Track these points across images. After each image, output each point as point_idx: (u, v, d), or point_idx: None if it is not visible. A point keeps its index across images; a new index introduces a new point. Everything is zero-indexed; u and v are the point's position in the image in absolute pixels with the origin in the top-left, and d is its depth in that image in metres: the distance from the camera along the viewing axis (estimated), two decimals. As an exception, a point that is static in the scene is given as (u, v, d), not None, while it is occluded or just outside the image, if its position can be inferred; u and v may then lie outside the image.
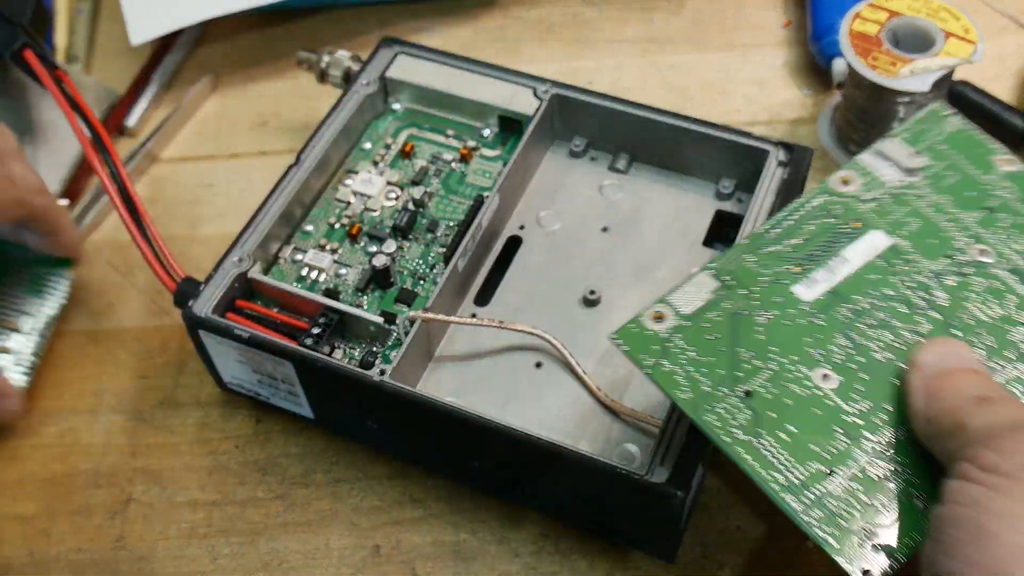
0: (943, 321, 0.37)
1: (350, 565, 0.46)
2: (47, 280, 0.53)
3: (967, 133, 0.41)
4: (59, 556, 0.47)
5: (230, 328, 0.44)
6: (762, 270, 0.38)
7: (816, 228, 0.39)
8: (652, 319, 0.38)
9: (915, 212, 0.40)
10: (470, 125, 0.54)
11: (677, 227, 0.51)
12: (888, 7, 0.55)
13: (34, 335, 0.51)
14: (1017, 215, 0.39)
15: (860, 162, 0.41)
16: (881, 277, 0.38)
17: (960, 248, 0.39)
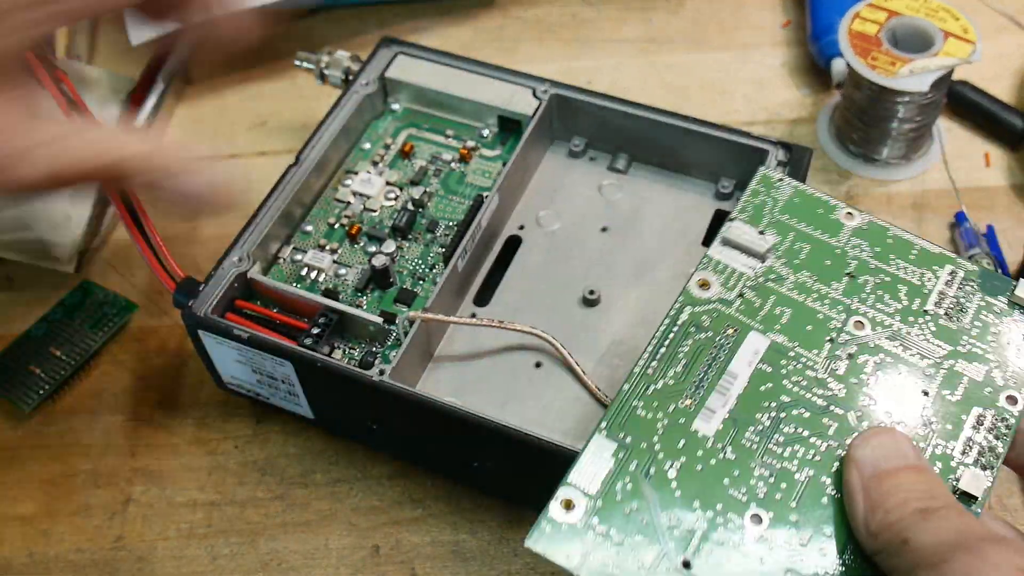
0: (846, 415, 0.35)
1: (349, 565, 0.46)
2: (111, 319, 0.54)
3: (804, 195, 0.40)
4: (59, 556, 0.47)
5: (229, 328, 0.44)
6: (654, 415, 0.35)
7: (692, 348, 0.37)
8: (562, 510, 0.33)
9: (781, 299, 0.38)
10: (469, 125, 0.54)
11: (676, 227, 0.51)
12: (887, 7, 0.55)
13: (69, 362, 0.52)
14: (876, 274, 0.38)
15: (712, 258, 0.39)
16: (773, 384, 0.36)
17: (836, 327, 0.37)
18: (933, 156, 0.58)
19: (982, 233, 0.54)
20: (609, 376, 0.45)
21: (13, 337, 0.53)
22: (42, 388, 0.51)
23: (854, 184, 0.57)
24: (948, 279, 0.38)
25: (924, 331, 0.37)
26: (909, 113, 0.55)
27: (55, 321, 0.53)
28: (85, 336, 0.53)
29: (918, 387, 0.36)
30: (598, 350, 0.46)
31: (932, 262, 0.39)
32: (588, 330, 0.47)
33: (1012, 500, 0.46)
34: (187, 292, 0.46)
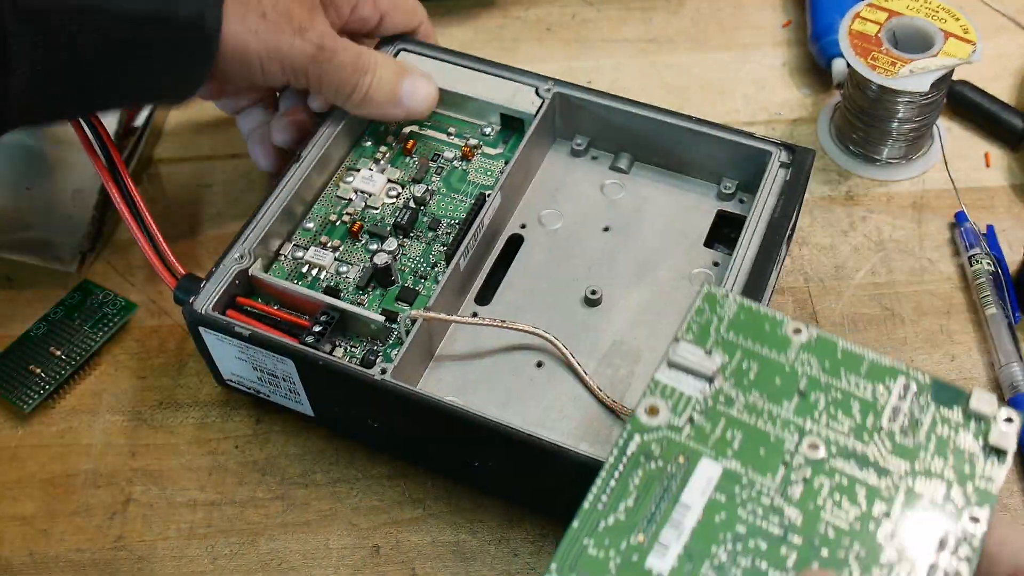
0: (806, 543, 0.34)
1: (350, 565, 0.46)
2: (111, 319, 0.53)
3: (748, 310, 0.39)
4: (59, 556, 0.47)
5: (231, 325, 0.44)
6: (606, 554, 0.34)
7: (643, 480, 0.35)
8: None
9: (732, 423, 0.36)
10: (472, 123, 0.54)
11: (678, 227, 0.51)
12: (887, 7, 0.55)
13: (70, 362, 0.52)
14: (827, 390, 0.37)
15: (660, 382, 0.37)
16: (728, 514, 0.34)
17: (790, 450, 0.36)
18: (933, 156, 0.58)
19: (982, 233, 0.54)
20: (611, 376, 0.45)
21: (13, 337, 0.53)
22: (42, 388, 0.51)
23: (854, 184, 0.57)
24: (901, 393, 0.37)
25: (880, 449, 0.36)
26: (909, 113, 0.55)
27: (55, 321, 0.53)
28: (85, 336, 0.53)
29: (878, 509, 0.34)
30: (600, 350, 0.46)
31: (884, 375, 0.37)
32: (590, 330, 0.47)
33: (1012, 500, 0.46)
34: (188, 289, 0.46)
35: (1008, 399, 0.48)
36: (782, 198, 0.47)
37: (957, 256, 0.54)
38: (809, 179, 0.49)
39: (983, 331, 0.51)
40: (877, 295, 0.53)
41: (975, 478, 0.35)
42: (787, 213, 0.47)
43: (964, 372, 0.50)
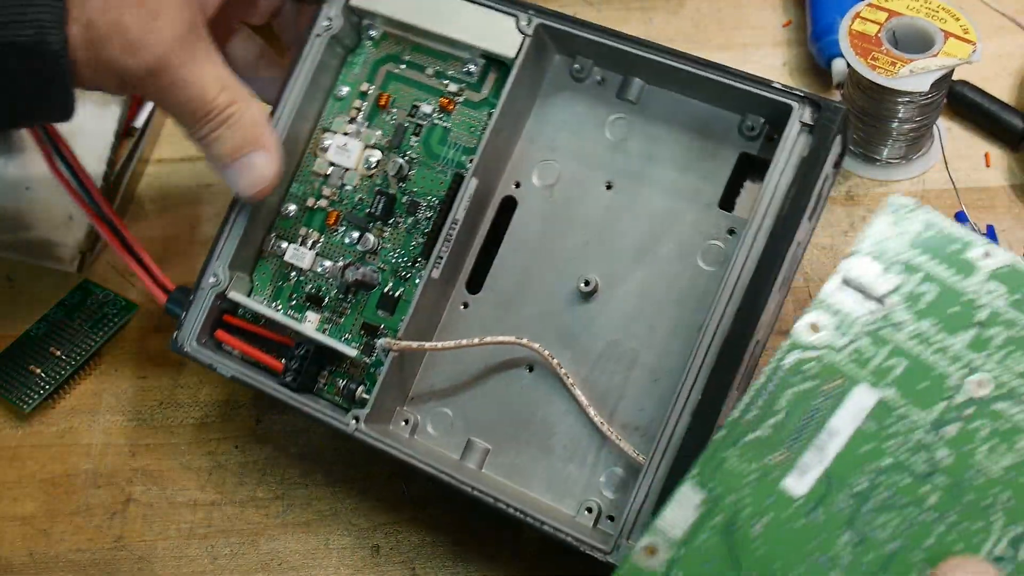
0: (951, 485, 0.32)
1: (350, 565, 0.46)
2: (111, 319, 0.54)
3: (937, 228, 0.36)
4: (59, 556, 0.47)
5: (212, 365, 0.45)
6: (746, 466, 0.34)
7: (794, 398, 0.34)
8: (645, 555, 0.33)
9: (897, 350, 0.34)
10: (453, 55, 0.47)
11: (691, 181, 0.45)
12: (888, 7, 0.55)
13: (70, 362, 0.52)
14: (1011, 326, 0.34)
15: (826, 299, 0.35)
16: (875, 446, 0.33)
17: (955, 385, 0.34)
18: (933, 156, 0.58)
19: (982, 233, 0.54)
20: (605, 385, 0.44)
21: (13, 337, 0.53)
22: (42, 388, 0.51)
23: (854, 184, 0.57)
24: None
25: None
26: (909, 113, 0.55)
27: (55, 321, 0.53)
28: (85, 336, 0.53)
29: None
30: (594, 351, 0.44)
31: None
32: (583, 327, 0.45)
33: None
34: (179, 302, 0.46)
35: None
36: (798, 179, 0.40)
37: (957, 256, 0.54)
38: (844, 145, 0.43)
39: (983, 331, 0.51)
40: (877, 295, 0.53)
41: None
42: (800, 204, 0.40)
43: (964, 372, 0.50)
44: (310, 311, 0.46)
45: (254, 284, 0.48)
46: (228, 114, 0.42)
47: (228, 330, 0.46)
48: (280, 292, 0.47)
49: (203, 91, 0.41)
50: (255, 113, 0.43)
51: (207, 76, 0.41)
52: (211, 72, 0.41)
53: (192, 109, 0.42)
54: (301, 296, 0.47)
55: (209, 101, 0.41)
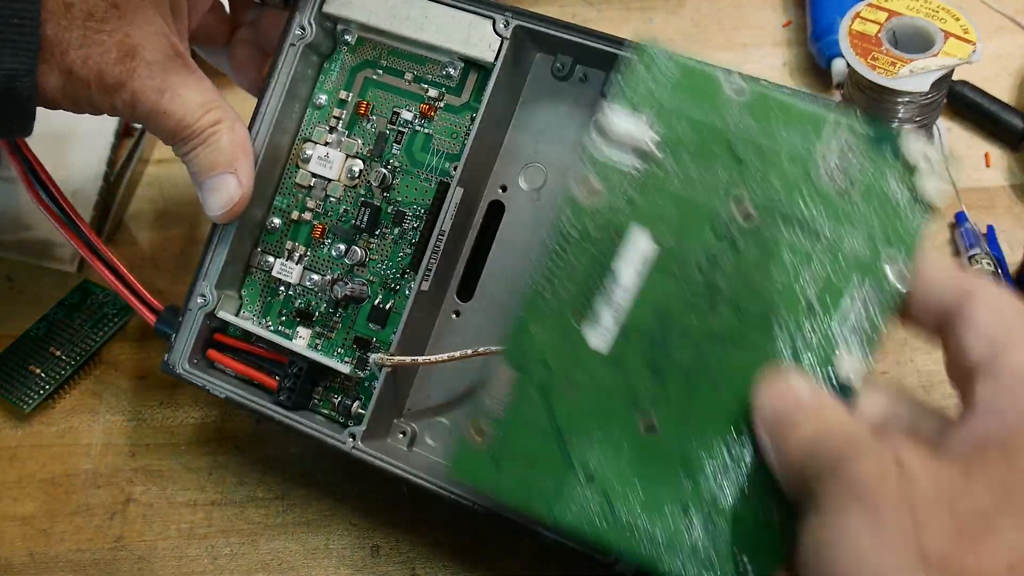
0: (734, 310, 0.35)
1: (350, 565, 0.46)
2: (111, 319, 0.53)
3: (686, 68, 0.37)
4: (59, 556, 0.47)
5: (206, 387, 0.45)
6: (549, 333, 0.36)
7: (582, 259, 0.36)
8: (475, 436, 0.36)
9: (668, 195, 0.36)
10: (431, 59, 0.46)
11: None
12: (888, 7, 0.55)
13: (70, 362, 0.52)
14: (761, 153, 0.35)
15: (596, 158, 0.36)
16: (663, 289, 0.35)
17: (724, 219, 0.35)
18: (933, 156, 0.58)
19: (982, 233, 0.54)
20: None
21: (13, 337, 0.53)
22: (42, 388, 0.51)
23: (854, 184, 0.57)
24: (831, 141, 0.35)
25: (810, 207, 0.35)
26: (909, 113, 0.55)
27: (55, 321, 0.53)
28: (85, 336, 0.53)
29: (803, 269, 0.35)
30: None
31: (819, 125, 0.35)
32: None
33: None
34: (168, 322, 0.46)
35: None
36: None
37: (957, 256, 0.54)
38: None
39: (983, 331, 0.51)
40: (877, 295, 0.53)
41: (902, 226, 0.35)
42: None
43: (964, 372, 0.50)
44: (300, 326, 0.46)
45: (243, 300, 0.47)
46: (208, 134, 0.43)
47: (220, 349, 0.46)
48: (269, 308, 0.47)
49: (183, 117, 0.42)
50: (236, 135, 0.43)
51: (188, 102, 0.42)
52: (192, 98, 0.42)
53: (171, 132, 0.42)
54: (291, 311, 0.46)
55: (189, 125, 0.42)
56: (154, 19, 0.41)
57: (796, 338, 0.34)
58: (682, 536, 0.33)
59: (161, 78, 0.41)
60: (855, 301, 0.34)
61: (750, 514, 0.33)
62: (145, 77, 0.40)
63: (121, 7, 0.40)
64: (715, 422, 0.34)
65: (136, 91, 0.40)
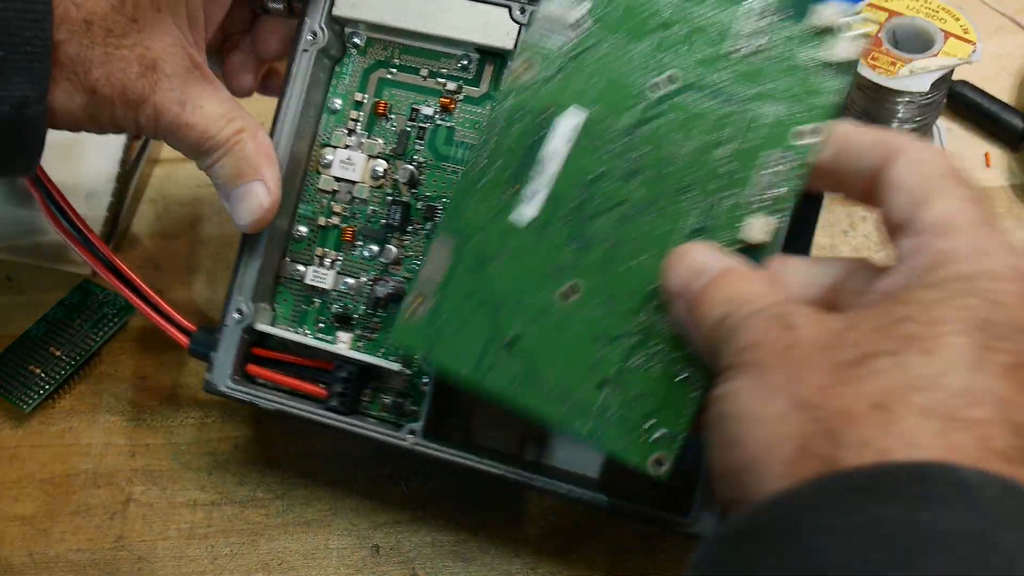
0: (652, 178, 0.37)
1: (350, 565, 0.46)
2: (111, 319, 0.53)
3: None
4: (59, 556, 0.47)
5: (253, 401, 0.44)
6: (484, 207, 0.38)
7: (516, 135, 0.38)
8: (413, 307, 0.38)
9: (596, 68, 0.38)
10: (445, 53, 0.46)
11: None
12: (888, 7, 0.55)
13: (70, 362, 0.52)
14: (686, 21, 0.38)
15: (530, 40, 0.39)
16: (587, 160, 0.37)
17: (648, 86, 0.37)
18: (933, 156, 0.58)
19: (982, 233, 0.54)
20: None
21: (13, 337, 0.53)
22: (42, 388, 0.51)
23: (854, 184, 0.57)
24: (750, 12, 0.37)
25: (728, 75, 0.37)
26: (909, 113, 0.55)
27: (55, 321, 0.53)
28: (85, 336, 0.53)
29: (720, 137, 0.36)
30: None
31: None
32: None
33: None
34: (202, 343, 0.45)
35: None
36: None
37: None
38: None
39: (983, 331, 0.51)
40: (877, 295, 0.53)
41: (819, 91, 0.36)
42: None
43: (964, 372, 0.50)
44: (340, 331, 0.46)
45: (276, 312, 0.47)
46: (232, 143, 0.42)
47: (258, 363, 0.46)
48: (305, 317, 0.46)
49: (206, 128, 0.42)
50: (259, 142, 0.43)
51: (210, 114, 0.42)
52: (213, 109, 0.42)
53: (195, 145, 0.42)
54: (328, 317, 0.46)
55: (213, 135, 0.42)
56: (172, 31, 0.41)
57: (710, 206, 0.36)
58: (595, 400, 0.36)
59: (181, 90, 0.41)
60: (768, 170, 0.36)
61: (663, 382, 0.35)
62: (167, 90, 0.40)
63: (140, 21, 0.39)
64: (633, 292, 0.36)
65: (158, 105, 0.40)
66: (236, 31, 0.49)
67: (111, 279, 0.46)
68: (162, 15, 0.40)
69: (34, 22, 0.37)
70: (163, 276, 0.55)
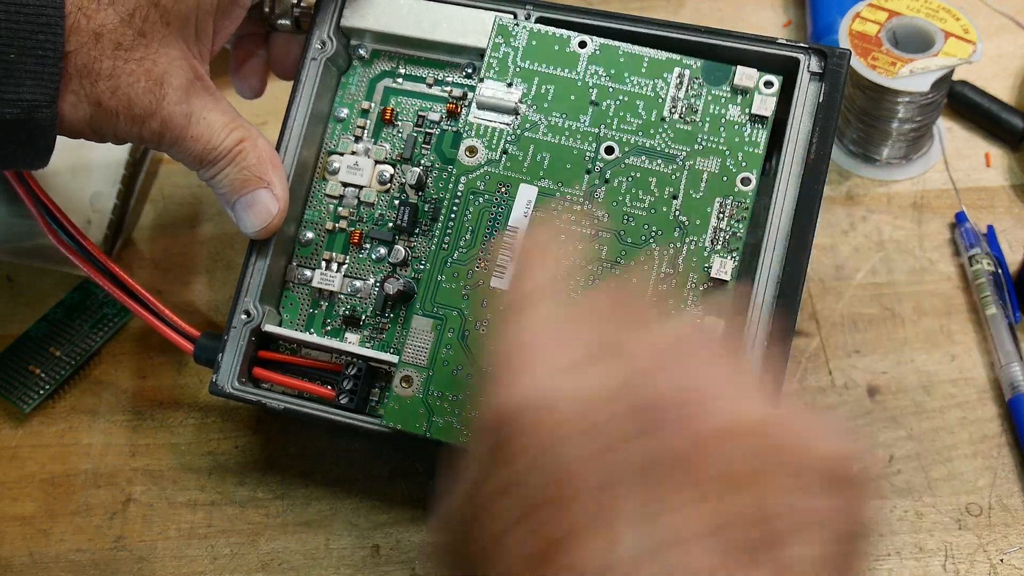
0: (614, 236, 0.41)
1: (350, 565, 0.46)
2: (111, 319, 0.53)
3: (539, 36, 0.43)
4: (59, 556, 0.47)
5: (261, 401, 0.44)
6: (457, 283, 0.42)
7: (476, 214, 0.42)
8: (402, 387, 0.41)
9: (539, 146, 0.42)
10: (450, 62, 0.47)
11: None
12: (888, 7, 0.55)
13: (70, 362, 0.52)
14: (616, 96, 0.42)
15: (472, 123, 0.43)
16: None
17: (591, 158, 0.42)
18: (933, 156, 0.58)
19: (982, 233, 0.54)
20: None
21: (13, 337, 0.53)
22: (42, 388, 0.51)
23: (854, 184, 0.57)
24: (677, 82, 0.42)
25: (665, 139, 0.42)
26: (909, 113, 0.55)
27: (55, 321, 0.53)
28: (85, 336, 0.53)
29: (668, 193, 0.41)
30: None
31: (661, 69, 0.43)
32: None
33: (1012, 500, 0.46)
34: (207, 348, 0.45)
35: (1008, 399, 0.48)
36: (818, 123, 0.42)
37: (957, 256, 0.54)
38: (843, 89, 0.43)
39: (983, 331, 0.51)
40: (877, 295, 0.53)
41: (744, 145, 0.42)
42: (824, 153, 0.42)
43: (964, 372, 0.50)
44: (348, 332, 0.46)
45: (283, 316, 0.47)
46: (234, 153, 0.43)
47: (264, 366, 0.46)
48: (312, 320, 0.47)
49: (209, 140, 0.42)
50: (261, 151, 0.43)
51: (213, 125, 0.42)
52: (216, 120, 0.42)
53: (199, 156, 0.42)
54: (336, 319, 0.46)
55: (216, 147, 0.42)
56: (179, 44, 0.41)
57: (676, 255, 0.41)
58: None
59: (187, 103, 0.41)
60: (718, 215, 0.41)
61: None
62: (173, 103, 0.41)
63: (148, 35, 0.40)
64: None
65: (165, 119, 0.41)
66: (251, 42, 0.49)
67: (112, 289, 0.46)
68: (170, 29, 0.40)
69: (46, 26, 0.37)
70: (163, 276, 0.55)
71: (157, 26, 0.40)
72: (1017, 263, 0.52)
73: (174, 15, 0.40)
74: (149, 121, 0.40)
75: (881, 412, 0.49)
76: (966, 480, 0.47)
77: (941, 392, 0.49)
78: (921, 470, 0.47)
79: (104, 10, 0.39)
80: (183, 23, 0.41)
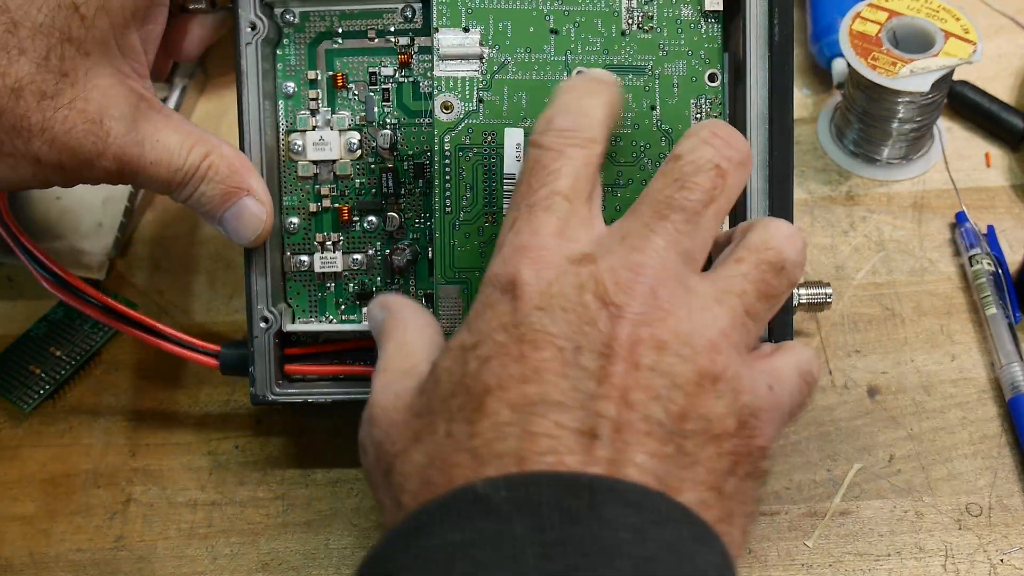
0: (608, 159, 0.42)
1: (350, 565, 0.46)
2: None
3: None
4: (59, 556, 0.47)
5: (307, 400, 0.45)
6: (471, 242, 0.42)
7: (470, 169, 0.42)
8: None
9: (512, 86, 0.42)
10: (385, 9, 0.45)
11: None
12: (888, 7, 0.55)
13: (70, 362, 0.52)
14: (572, 19, 0.42)
15: (440, 78, 0.42)
16: None
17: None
18: (933, 156, 0.58)
19: (982, 233, 0.54)
20: None
21: (13, 337, 0.53)
22: (42, 388, 0.51)
23: (854, 184, 0.57)
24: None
25: (630, 52, 0.42)
26: (909, 113, 0.55)
27: (55, 321, 0.53)
28: (85, 336, 0.53)
29: (646, 105, 0.42)
30: None
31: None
32: None
33: (1012, 500, 0.46)
34: (234, 360, 0.45)
35: (1008, 400, 0.48)
36: (775, 6, 0.42)
37: (957, 256, 0.54)
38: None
39: (983, 331, 0.51)
40: (877, 295, 0.53)
41: (704, 43, 0.42)
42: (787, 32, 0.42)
43: (964, 372, 0.50)
44: (363, 308, 0.46)
45: (294, 308, 0.46)
46: (203, 169, 0.41)
47: (295, 361, 0.46)
48: (324, 304, 0.46)
49: (171, 162, 0.40)
50: (230, 159, 0.41)
51: (170, 146, 0.40)
52: (172, 139, 0.40)
53: (166, 181, 0.40)
54: (347, 298, 0.46)
55: (180, 167, 0.40)
56: (106, 71, 0.38)
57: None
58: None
59: (135, 131, 0.39)
60: (695, 116, 0.42)
61: None
62: (121, 136, 0.38)
63: (71, 74, 0.37)
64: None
65: (116, 154, 0.38)
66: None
67: (124, 328, 0.46)
68: (92, 59, 0.38)
69: None
70: (163, 276, 0.55)
71: (77, 60, 0.37)
72: (1017, 263, 0.52)
73: (91, 43, 0.37)
74: (99, 162, 0.38)
75: (881, 412, 0.49)
76: (966, 480, 0.47)
77: (941, 392, 0.49)
78: (921, 470, 0.47)
79: (16, 62, 0.36)
80: (103, 47, 0.38)
